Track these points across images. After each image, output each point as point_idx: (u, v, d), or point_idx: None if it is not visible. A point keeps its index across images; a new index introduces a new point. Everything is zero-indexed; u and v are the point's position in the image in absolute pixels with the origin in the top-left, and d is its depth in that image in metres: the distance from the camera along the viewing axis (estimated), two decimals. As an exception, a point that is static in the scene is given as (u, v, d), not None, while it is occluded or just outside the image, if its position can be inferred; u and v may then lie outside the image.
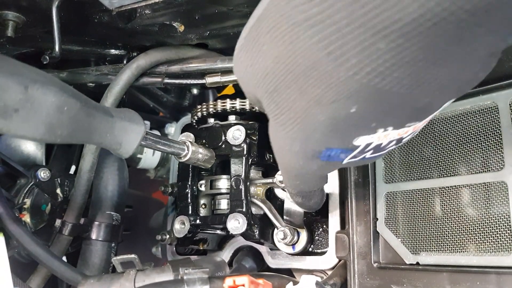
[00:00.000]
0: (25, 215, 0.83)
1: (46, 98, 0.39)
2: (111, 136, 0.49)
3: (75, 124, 0.43)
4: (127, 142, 0.51)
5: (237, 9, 0.66)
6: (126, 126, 0.51)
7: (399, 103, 0.37)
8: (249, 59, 0.42)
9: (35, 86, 0.38)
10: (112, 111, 0.50)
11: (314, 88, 0.38)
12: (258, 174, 0.83)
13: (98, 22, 0.72)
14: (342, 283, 0.75)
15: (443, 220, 0.67)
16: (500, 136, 0.63)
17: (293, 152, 0.46)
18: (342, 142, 0.43)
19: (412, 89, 0.35)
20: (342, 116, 0.39)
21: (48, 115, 0.39)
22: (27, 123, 0.38)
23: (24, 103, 0.37)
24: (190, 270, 0.59)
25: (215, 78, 0.80)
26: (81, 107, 0.43)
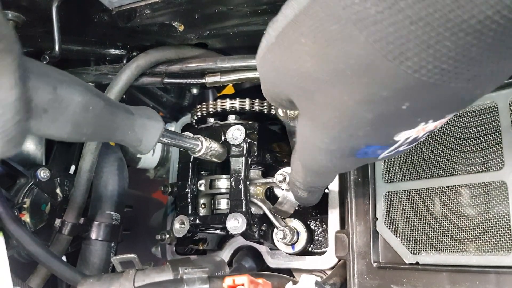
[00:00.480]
0: (25, 215, 0.83)
1: (73, 97, 0.40)
2: (132, 133, 0.50)
3: (99, 122, 0.44)
4: (147, 138, 0.52)
5: (237, 9, 0.66)
6: (146, 123, 0.52)
7: (451, 96, 0.37)
8: (283, 59, 0.42)
9: (62, 86, 0.39)
10: (132, 109, 0.51)
11: (366, 88, 0.37)
12: (257, 174, 0.83)
13: (98, 22, 0.72)
14: (342, 283, 0.74)
15: (443, 220, 0.67)
16: (499, 136, 0.63)
17: (329, 151, 0.46)
18: (383, 139, 0.43)
19: (468, 83, 0.35)
20: (392, 113, 0.39)
21: (75, 113, 0.40)
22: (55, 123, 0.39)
23: (53, 103, 0.38)
24: (190, 270, 0.59)
25: (214, 78, 0.80)
26: (104, 106, 0.44)
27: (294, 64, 0.41)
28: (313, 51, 0.38)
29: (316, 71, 0.39)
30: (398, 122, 0.41)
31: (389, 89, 0.37)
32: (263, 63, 0.45)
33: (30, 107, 0.37)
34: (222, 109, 0.83)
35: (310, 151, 0.49)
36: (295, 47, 0.40)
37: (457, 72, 0.34)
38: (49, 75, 0.39)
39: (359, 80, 0.37)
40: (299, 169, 0.57)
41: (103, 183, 0.88)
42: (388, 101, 0.38)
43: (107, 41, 0.84)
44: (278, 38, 0.42)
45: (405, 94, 0.37)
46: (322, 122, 0.43)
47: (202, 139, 0.74)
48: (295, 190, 0.63)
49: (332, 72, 0.38)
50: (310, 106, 0.43)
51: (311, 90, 0.41)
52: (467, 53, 0.32)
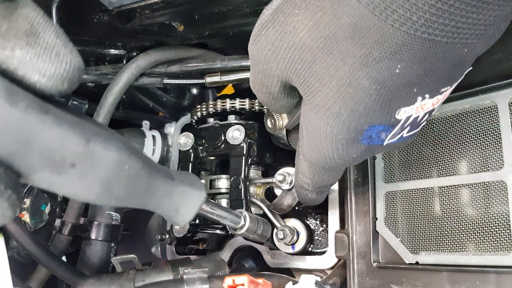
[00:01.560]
0: (25, 215, 0.83)
1: (108, 153, 0.35)
2: (170, 201, 0.44)
3: (134, 185, 0.38)
4: (185, 208, 0.46)
5: (237, 9, 0.66)
6: (187, 191, 0.46)
7: (440, 57, 0.38)
8: (278, 33, 0.42)
9: (97, 139, 0.34)
10: (173, 173, 0.45)
11: (359, 49, 0.38)
12: (257, 174, 0.83)
13: (98, 22, 0.72)
14: (342, 282, 0.75)
15: (443, 220, 0.67)
16: (499, 136, 0.63)
17: (333, 134, 0.46)
18: (385, 115, 0.43)
19: (453, 38, 0.36)
20: (387, 78, 0.39)
21: (107, 172, 0.35)
22: (82, 180, 0.34)
23: (83, 157, 0.33)
24: (190, 270, 0.59)
25: (214, 78, 0.80)
26: (143, 167, 0.39)
27: (289, 35, 0.42)
28: (307, 19, 0.39)
29: (311, 38, 0.40)
30: (395, 93, 0.41)
31: (379, 49, 0.37)
32: (257, 41, 0.45)
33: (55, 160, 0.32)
34: (222, 109, 0.83)
35: (315, 140, 0.48)
36: (290, 20, 0.41)
37: (441, 23, 0.34)
38: (84, 125, 0.34)
39: (351, 42, 0.38)
40: (306, 170, 0.57)
41: (103, 183, 0.88)
42: (380, 63, 0.38)
43: (107, 41, 0.84)
44: (273, 15, 0.43)
45: (395, 52, 0.37)
46: (323, 97, 0.43)
47: (245, 215, 0.67)
48: (303, 193, 0.62)
49: (325, 37, 0.39)
50: (309, 79, 0.43)
51: (308, 60, 0.42)
52: (446, 0, 0.33)
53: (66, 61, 0.32)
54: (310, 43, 0.40)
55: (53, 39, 0.32)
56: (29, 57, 0.30)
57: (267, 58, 0.45)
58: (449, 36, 0.36)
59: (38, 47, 0.31)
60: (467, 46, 0.37)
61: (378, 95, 0.41)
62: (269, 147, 0.84)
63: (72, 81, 0.32)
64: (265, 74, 0.47)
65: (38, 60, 0.31)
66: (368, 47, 0.37)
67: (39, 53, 0.31)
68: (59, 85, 0.32)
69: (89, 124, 0.35)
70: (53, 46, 0.32)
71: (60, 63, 0.31)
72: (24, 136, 0.31)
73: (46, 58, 0.31)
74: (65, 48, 0.32)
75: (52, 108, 0.32)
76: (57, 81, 0.31)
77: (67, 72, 0.32)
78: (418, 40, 0.36)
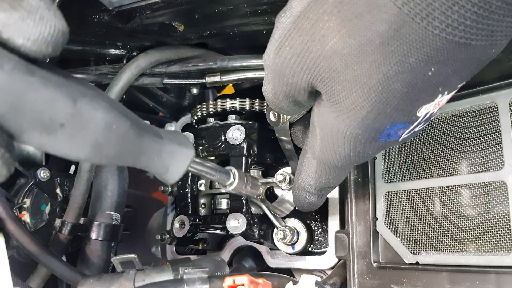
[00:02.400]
0: (25, 215, 0.83)
1: (95, 113, 0.35)
2: (159, 159, 0.45)
3: (124, 144, 0.39)
4: (174, 166, 0.47)
5: (237, 9, 0.66)
6: (175, 149, 0.47)
7: (470, 57, 0.38)
8: (304, 42, 0.41)
9: (84, 99, 0.35)
10: (162, 132, 0.46)
11: (395, 55, 0.38)
12: (257, 174, 0.83)
13: (98, 22, 0.72)
14: (342, 282, 0.75)
15: (443, 220, 0.67)
16: (499, 136, 0.63)
17: (353, 135, 0.45)
18: (407, 115, 0.44)
19: (486, 39, 0.37)
20: (419, 80, 0.39)
21: (96, 132, 0.36)
22: (72, 140, 0.35)
23: (71, 117, 0.34)
24: (190, 270, 0.59)
25: (214, 78, 0.80)
26: (131, 126, 0.39)
27: (317, 44, 0.40)
28: (339, 26, 0.38)
29: (343, 46, 0.39)
30: (423, 93, 0.41)
31: (417, 54, 0.37)
32: (281, 51, 0.43)
33: (43, 121, 0.33)
34: (222, 109, 0.83)
35: (332, 140, 0.48)
36: (318, 27, 0.40)
37: (479, 28, 0.35)
38: (70, 85, 0.35)
39: (388, 49, 0.37)
40: (312, 170, 0.56)
41: (103, 183, 0.88)
42: (416, 68, 0.38)
43: (107, 41, 0.84)
44: (296, 22, 0.41)
45: (432, 57, 0.37)
46: (350, 103, 0.43)
47: (234, 172, 0.67)
48: (303, 195, 0.61)
49: (360, 45, 0.38)
50: (336, 87, 0.43)
51: (338, 69, 0.41)
52: (488, 7, 0.34)
53: (50, 24, 0.32)
54: (342, 51, 0.39)
55: (37, 2, 0.32)
56: (13, 20, 0.30)
57: (293, 72, 0.44)
58: (483, 39, 0.36)
59: (22, 9, 0.31)
60: (496, 47, 0.38)
61: (407, 96, 0.41)
62: (269, 147, 0.83)
63: (56, 44, 0.32)
64: (291, 88, 0.46)
65: (22, 23, 0.31)
66: (406, 54, 0.37)
67: (23, 16, 0.31)
68: (43, 48, 0.32)
69: (76, 84, 0.35)
70: (37, 9, 0.31)
71: (44, 27, 0.31)
72: (12, 98, 0.31)
73: (30, 22, 0.31)
74: (49, 11, 0.32)
75: (38, 70, 0.33)
76: (41, 44, 0.31)
77: (51, 35, 0.32)
78: (455, 45, 0.36)
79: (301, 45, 0.42)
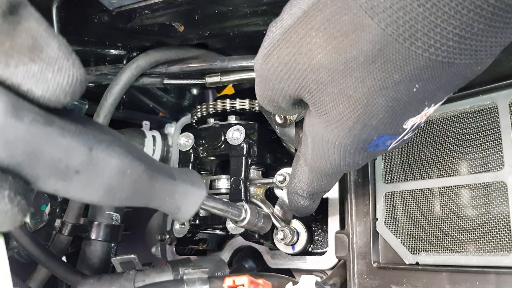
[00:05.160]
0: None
1: (110, 160, 0.36)
2: (171, 200, 0.46)
3: (136, 188, 0.40)
4: (186, 206, 0.48)
5: (237, 10, 0.66)
6: (188, 190, 0.47)
7: (455, 74, 0.39)
8: (292, 53, 0.42)
9: (100, 147, 0.36)
10: (175, 172, 0.47)
11: (379, 72, 0.39)
12: (257, 174, 0.83)
13: (98, 22, 0.72)
14: (342, 283, 0.75)
15: (443, 220, 0.67)
16: (499, 136, 0.63)
17: (342, 145, 0.47)
18: (394, 127, 0.45)
19: (471, 58, 0.37)
20: (404, 96, 0.40)
21: (110, 178, 0.37)
22: (86, 186, 0.36)
23: (87, 165, 0.35)
24: (190, 270, 0.59)
25: (214, 78, 0.80)
26: (144, 170, 0.40)
27: (304, 57, 0.42)
28: (325, 42, 0.40)
29: (329, 61, 0.40)
30: (408, 107, 0.42)
31: (400, 72, 0.38)
32: (268, 60, 0.45)
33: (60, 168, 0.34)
34: (222, 110, 0.83)
35: (322, 150, 0.49)
36: (305, 41, 0.41)
37: (462, 48, 0.36)
38: (87, 133, 0.35)
39: (372, 66, 0.39)
40: (305, 176, 0.57)
41: (103, 183, 0.88)
42: (400, 84, 0.39)
43: (107, 41, 0.84)
44: (285, 34, 0.42)
45: (415, 75, 0.38)
46: (336, 114, 0.44)
47: (246, 208, 0.67)
48: (295, 199, 0.63)
49: (345, 61, 0.39)
50: (323, 98, 0.44)
51: (324, 82, 0.42)
52: (470, 29, 0.35)
53: (69, 74, 0.32)
54: (328, 66, 0.41)
55: (56, 52, 0.32)
56: (32, 73, 0.31)
57: (279, 78, 0.45)
58: (467, 58, 0.37)
59: (41, 62, 0.31)
60: (481, 65, 0.39)
61: (392, 111, 0.42)
62: (269, 147, 0.83)
63: (74, 93, 0.33)
64: (276, 93, 0.47)
65: (41, 75, 0.31)
66: (389, 71, 0.38)
67: (42, 68, 0.31)
68: (62, 98, 0.32)
69: (92, 132, 0.36)
70: (56, 59, 0.32)
71: (63, 77, 0.32)
72: (30, 148, 0.32)
73: (49, 73, 0.31)
74: (67, 61, 0.32)
75: (56, 119, 0.33)
76: (60, 94, 0.32)
77: (70, 85, 0.32)
78: (438, 64, 0.37)
79: (289, 56, 0.43)
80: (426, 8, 0.34)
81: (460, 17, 0.34)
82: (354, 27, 0.37)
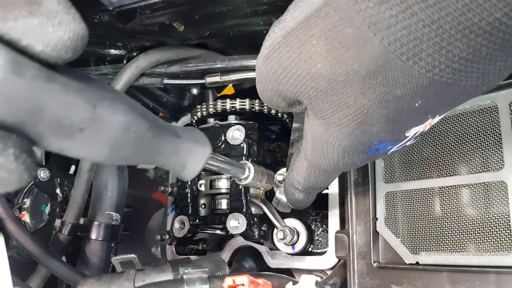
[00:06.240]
0: (25, 215, 0.83)
1: (114, 117, 0.36)
2: (176, 158, 0.46)
3: (141, 145, 0.40)
4: (191, 164, 0.48)
5: (237, 9, 0.66)
6: (192, 148, 0.47)
7: (460, 93, 0.38)
8: (292, 59, 0.42)
9: (103, 104, 0.35)
10: (179, 130, 0.47)
11: (381, 87, 0.38)
12: (257, 174, 0.83)
13: (98, 22, 0.72)
14: (342, 283, 0.75)
15: (443, 220, 0.67)
16: (499, 136, 0.63)
17: (341, 147, 0.46)
18: (395, 135, 0.44)
19: (477, 80, 0.36)
20: (406, 109, 0.40)
21: (114, 135, 0.36)
22: (91, 144, 0.35)
23: (91, 122, 0.34)
24: (190, 270, 0.59)
25: (214, 78, 0.80)
26: (149, 127, 0.40)
27: (304, 64, 0.41)
28: (326, 52, 0.39)
29: (329, 72, 0.40)
30: (410, 119, 0.42)
31: (402, 88, 0.38)
32: (268, 61, 0.44)
33: (64, 126, 0.33)
34: (222, 109, 0.83)
35: (321, 148, 0.49)
36: (305, 48, 0.40)
37: (468, 71, 0.35)
38: (90, 90, 0.35)
39: (373, 80, 0.38)
40: (303, 169, 0.57)
41: (103, 183, 0.88)
42: (401, 99, 0.39)
43: (107, 41, 0.84)
44: (287, 37, 0.42)
45: (418, 92, 0.38)
46: (336, 120, 0.44)
47: (249, 166, 0.68)
48: (291, 191, 0.63)
49: (346, 73, 0.39)
50: (322, 105, 0.43)
51: (323, 90, 0.42)
52: (478, 53, 0.34)
53: (70, 29, 0.31)
54: (328, 76, 0.40)
55: (55, 6, 0.31)
56: (32, 27, 0.30)
57: (279, 81, 0.45)
58: (474, 80, 0.36)
59: (41, 15, 0.30)
60: (488, 85, 0.38)
61: (393, 121, 0.42)
62: (269, 147, 0.83)
63: (76, 49, 0.32)
64: (275, 94, 0.47)
65: (41, 29, 0.30)
66: (391, 86, 0.38)
67: (41, 22, 0.30)
68: (63, 53, 0.31)
69: (96, 88, 0.35)
70: (56, 13, 0.31)
71: (63, 32, 0.31)
72: (33, 105, 0.31)
73: (49, 27, 0.30)
74: (67, 15, 0.31)
75: (58, 76, 0.32)
76: (61, 50, 0.31)
77: (71, 40, 0.31)
78: (443, 84, 0.36)
79: (288, 61, 0.42)
80: (431, 29, 0.33)
81: (468, 41, 0.33)
82: (356, 41, 0.36)
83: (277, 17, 0.68)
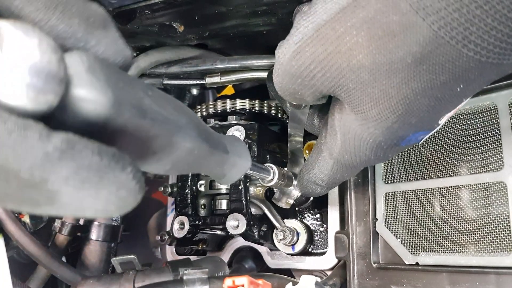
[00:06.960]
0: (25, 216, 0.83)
1: (184, 144, 0.38)
2: (220, 169, 0.49)
3: (197, 162, 0.42)
4: (231, 175, 0.51)
5: (237, 10, 0.66)
6: (236, 162, 0.50)
7: (498, 73, 0.38)
8: (328, 52, 0.41)
9: (179, 133, 0.37)
10: (228, 144, 0.49)
11: (426, 74, 0.38)
12: (257, 175, 0.83)
13: (98, 23, 0.72)
14: (342, 283, 0.74)
15: (443, 221, 0.67)
16: (499, 137, 0.63)
17: (376, 143, 0.46)
18: (431, 123, 0.44)
19: None
20: (447, 95, 0.40)
21: (179, 156, 0.39)
22: (158, 162, 0.38)
23: (164, 147, 0.37)
24: (190, 271, 0.59)
25: (214, 79, 0.80)
26: (208, 148, 0.42)
27: (343, 56, 0.40)
28: (368, 42, 0.38)
29: (371, 62, 0.39)
30: (448, 105, 0.42)
31: (448, 73, 0.37)
32: (299, 55, 0.43)
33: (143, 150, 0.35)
34: (222, 110, 0.83)
35: (353, 146, 0.48)
36: (344, 40, 0.39)
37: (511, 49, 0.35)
38: (169, 122, 0.36)
39: (419, 68, 0.37)
40: (327, 168, 0.56)
41: (103, 183, 0.88)
42: (445, 85, 0.38)
43: (107, 41, 0.84)
44: (320, 31, 0.41)
45: (461, 76, 0.37)
46: (375, 114, 0.43)
47: (274, 169, 0.69)
48: (311, 187, 0.62)
49: (390, 62, 0.38)
50: (361, 98, 0.42)
51: (364, 82, 0.41)
52: None
53: None
54: (370, 66, 0.39)
55: None
56: None
57: (312, 76, 0.44)
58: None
59: None
60: None
61: (433, 109, 0.41)
62: (269, 147, 0.83)
63: None
64: (304, 88, 0.46)
65: None
66: (437, 73, 0.37)
67: None
68: None
69: (176, 116, 0.37)
70: None
71: None
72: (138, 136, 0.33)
73: None
74: None
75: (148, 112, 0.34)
76: None
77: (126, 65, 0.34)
78: (488, 65, 0.36)
79: (324, 54, 0.41)
80: (483, 10, 0.33)
81: None
82: (403, 28, 0.36)
83: (277, 18, 0.68)
